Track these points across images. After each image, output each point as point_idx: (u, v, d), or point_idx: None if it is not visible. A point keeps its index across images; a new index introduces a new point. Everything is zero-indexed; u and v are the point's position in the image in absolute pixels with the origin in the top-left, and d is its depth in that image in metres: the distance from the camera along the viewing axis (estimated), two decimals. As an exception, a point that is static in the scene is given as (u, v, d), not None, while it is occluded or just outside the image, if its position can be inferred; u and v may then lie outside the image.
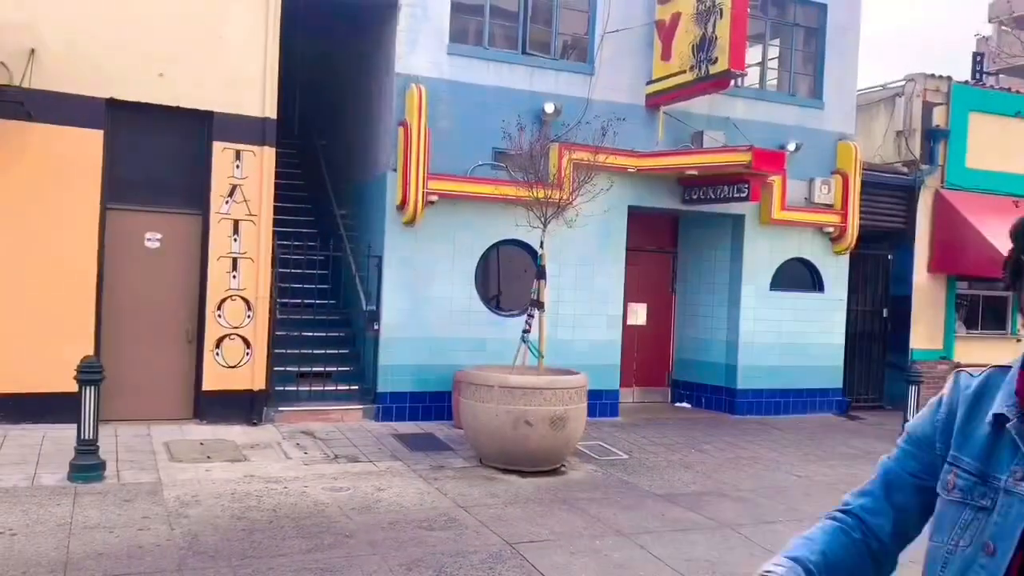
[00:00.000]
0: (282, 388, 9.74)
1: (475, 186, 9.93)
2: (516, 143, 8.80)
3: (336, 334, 10.84)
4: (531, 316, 8.42)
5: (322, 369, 10.08)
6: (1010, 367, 1.44)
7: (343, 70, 12.48)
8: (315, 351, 10.12)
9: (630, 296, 11.71)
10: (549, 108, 10.25)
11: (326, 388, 9.95)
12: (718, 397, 12.11)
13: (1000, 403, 1.39)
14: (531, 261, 10.18)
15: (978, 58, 20.18)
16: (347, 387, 10.16)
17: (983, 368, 1.48)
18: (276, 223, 9.67)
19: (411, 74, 9.92)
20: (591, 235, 10.49)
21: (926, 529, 1.48)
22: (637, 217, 11.35)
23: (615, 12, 10.83)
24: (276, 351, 9.65)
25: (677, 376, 12.71)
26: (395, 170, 9.84)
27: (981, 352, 13.74)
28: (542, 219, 8.34)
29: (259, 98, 9.17)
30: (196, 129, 9.15)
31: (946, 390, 1.50)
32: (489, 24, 10.52)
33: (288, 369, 9.86)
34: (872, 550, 1.48)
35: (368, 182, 10.89)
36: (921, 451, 1.49)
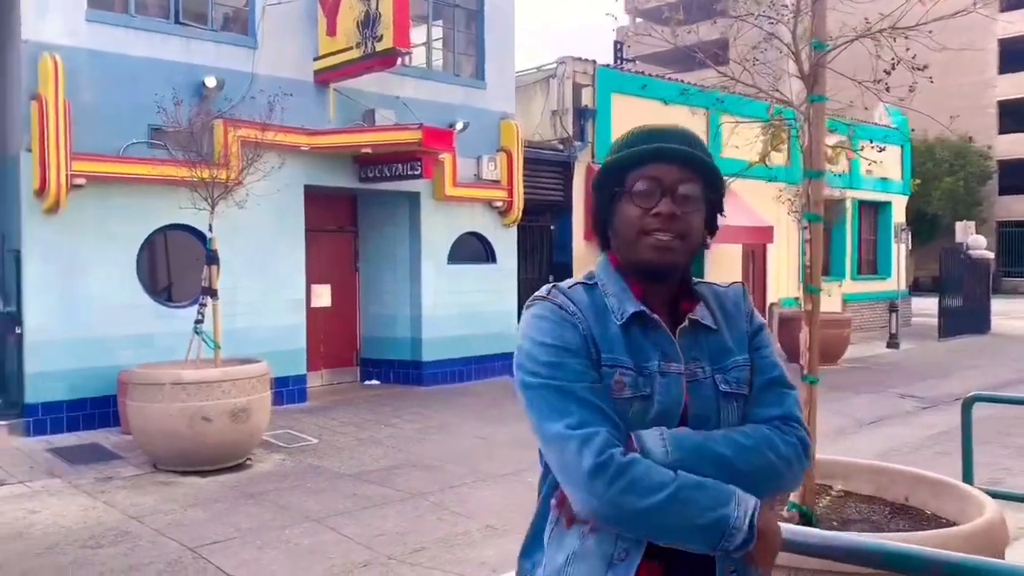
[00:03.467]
0: None
1: (131, 166, 9.04)
2: (174, 119, 8.15)
3: (-34, 342, 9.37)
4: (203, 305, 7.90)
5: (-49, 384, 8.68)
6: (590, 282, 1.61)
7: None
8: (-60, 364, 8.68)
9: (312, 278, 11.48)
10: (210, 82, 9.63)
11: (-42, 405, 8.58)
12: (406, 371, 12.35)
13: (631, 306, 1.53)
14: (202, 246, 9.55)
15: (618, 46, 22.53)
16: (-14, 401, 8.84)
17: (568, 287, 1.61)
18: None
19: (43, 42, 8.74)
20: (265, 216, 10.09)
21: None
22: (315, 197, 11.13)
23: (276, -16, 10.42)
24: None
25: (365, 354, 12.75)
26: (30, 150, 8.65)
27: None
28: (209, 201, 7.83)
29: None
30: None
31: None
32: (135, -11, 9.60)
33: (-96, 388, 8.37)
34: None
35: (-4, 165, 9.49)
36: None
